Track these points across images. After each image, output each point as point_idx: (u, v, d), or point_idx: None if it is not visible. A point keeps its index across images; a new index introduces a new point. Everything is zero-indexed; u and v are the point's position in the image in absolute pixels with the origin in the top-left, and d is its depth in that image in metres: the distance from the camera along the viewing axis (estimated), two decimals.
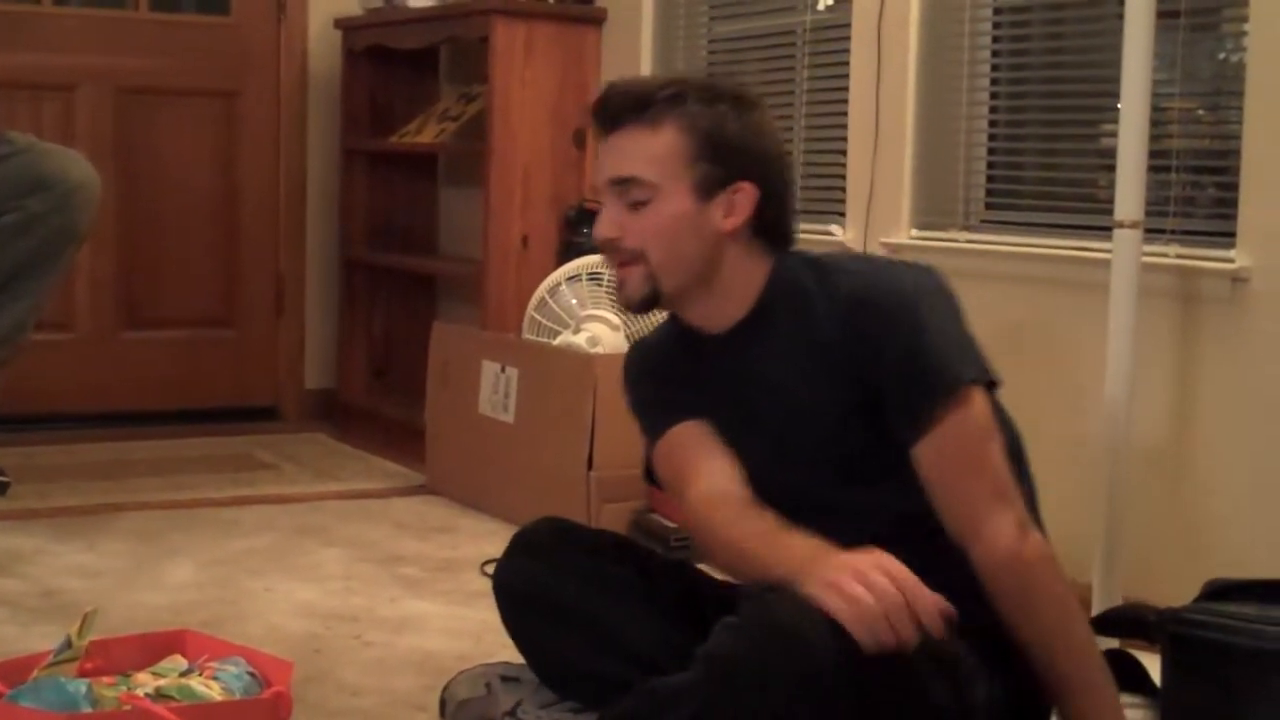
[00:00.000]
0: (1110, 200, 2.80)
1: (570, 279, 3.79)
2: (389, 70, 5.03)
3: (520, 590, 2.20)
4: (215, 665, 2.28)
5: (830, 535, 1.94)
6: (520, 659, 2.25)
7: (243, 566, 3.32)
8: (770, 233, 2.03)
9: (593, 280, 3.75)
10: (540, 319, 3.83)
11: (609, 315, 3.70)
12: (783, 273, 2.03)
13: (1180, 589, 2.63)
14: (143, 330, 4.97)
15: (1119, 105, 2.76)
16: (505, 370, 3.84)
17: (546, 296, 3.83)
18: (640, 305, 2.04)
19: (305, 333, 5.18)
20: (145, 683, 2.23)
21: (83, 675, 2.23)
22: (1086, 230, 3.12)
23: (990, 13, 3.42)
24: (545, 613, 2.17)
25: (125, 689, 2.20)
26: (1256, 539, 2.75)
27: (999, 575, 1.88)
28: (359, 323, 5.12)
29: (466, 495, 3.97)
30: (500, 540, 3.41)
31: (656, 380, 2.15)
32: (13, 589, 3.10)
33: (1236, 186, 2.80)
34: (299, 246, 5.15)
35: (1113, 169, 2.79)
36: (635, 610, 2.07)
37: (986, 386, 1.96)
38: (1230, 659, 2.14)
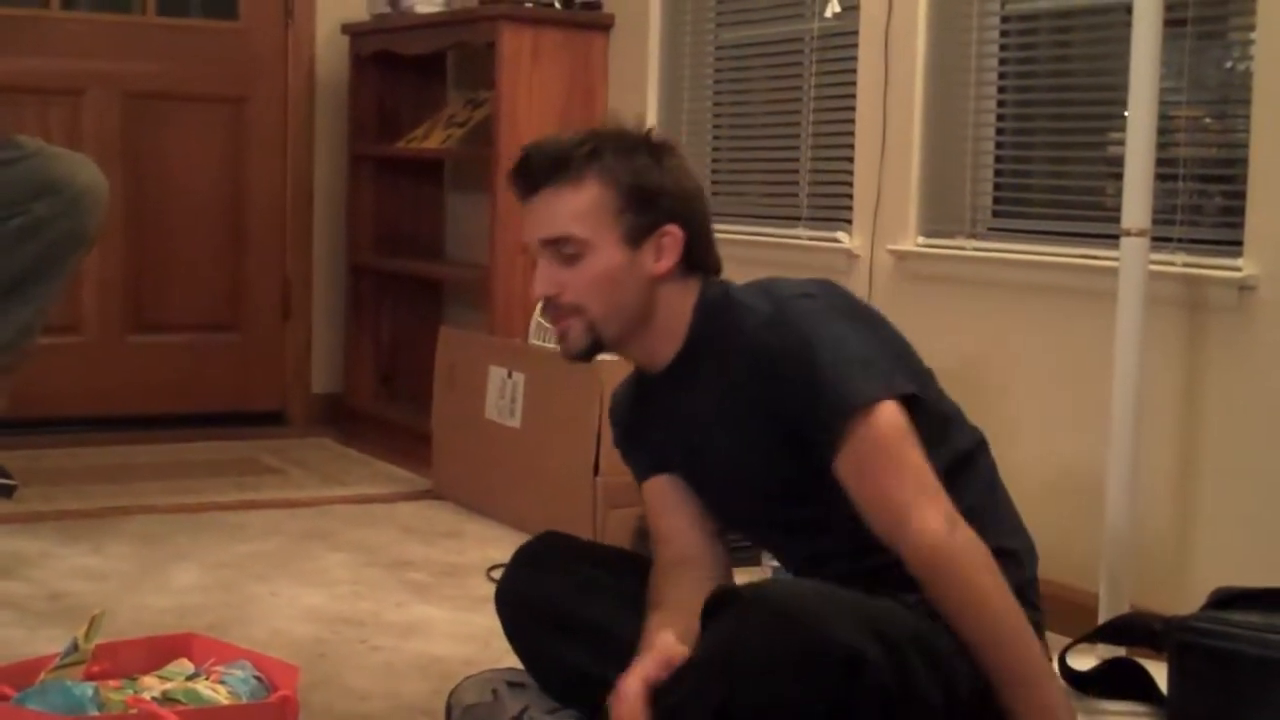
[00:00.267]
0: (1117, 208, 2.80)
1: None
2: (396, 76, 5.04)
3: (523, 604, 2.22)
4: (222, 669, 2.29)
5: (796, 549, 2.14)
6: None
7: (249, 571, 3.33)
8: (699, 267, 2.11)
9: None
10: (547, 324, 3.83)
11: None
12: (703, 310, 2.10)
13: (1187, 597, 2.63)
14: (149, 334, 4.98)
15: (1126, 113, 2.76)
16: (512, 375, 3.84)
17: None
18: (583, 355, 2.12)
19: (312, 337, 5.19)
20: (151, 686, 2.23)
21: (89, 679, 2.23)
22: (1094, 238, 3.12)
23: (998, 21, 3.42)
24: (548, 625, 2.18)
25: (131, 692, 2.20)
26: (1263, 547, 2.74)
27: (927, 568, 1.91)
28: (366, 327, 5.12)
29: (473, 500, 3.97)
30: (506, 545, 3.41)
31: (624, 429, 2.27)
32: (19, 592, 3.11)
33: (1244, 195, 2.80)
34: (306, 251, 5.15)
35: (1120, 177, 2.78)
36: (638, 621, 2.08)
37: (903, 399, 1.99)
38: (1237, 667, 2.14)
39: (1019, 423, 3.17)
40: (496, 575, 2.27)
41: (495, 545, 3.56)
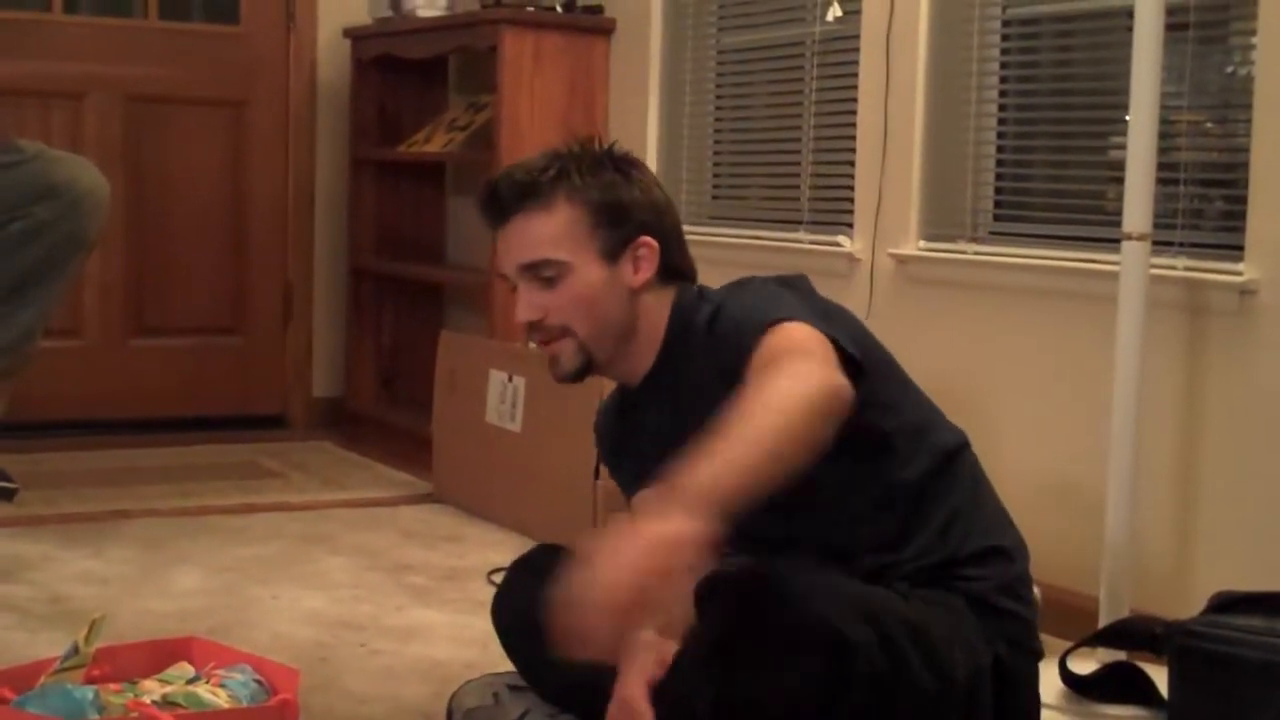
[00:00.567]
0: (1118, 212, 2.80)
1: None
2: (398, 80, 5.04)
3: (517, 616, 2.22)
4: (222, 673, 2.29)
5: (782, 554, 2.06)
6: None
7: (250, 574, 3.33)
8: (675, 275, 2.11)
9: None
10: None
11: None
12: (676, 316, 2.09)
13: (1187, 601, 2.63)
14: (150, 338, 4.98)
15: (1127, 117, 2.76)
16: (512, 379, 3.84)
17: None
18: (575, 377, 2.11)
19: (313, 341, 5.19)
20: (152, 690, 2.24)
21: (89, 682, 2.23)
22: (1095, 242, 3.12)
23: (999, 24, 3.42)
24: (542, 637, 2.17)
25: (132, 696, 2.21)
26: (1264, 551, 2.74)
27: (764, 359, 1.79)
28: (366, 331, 5.12)
29: (473, 504, 3.97)
30: (507, 549, 3.42)
31: (609, 444, 2.26)
32: (20, 595, 3.11)
33: (1245, 199, 2.80)
34: (307, 255, 5.16)
35: (1121, 181, 2.78)
36: None
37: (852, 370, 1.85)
38: (1237, 671, 2.14)
39: (1019, 426, 3.17)
40: (497, 579, 2.27)
41: (496, 549, 3.56)
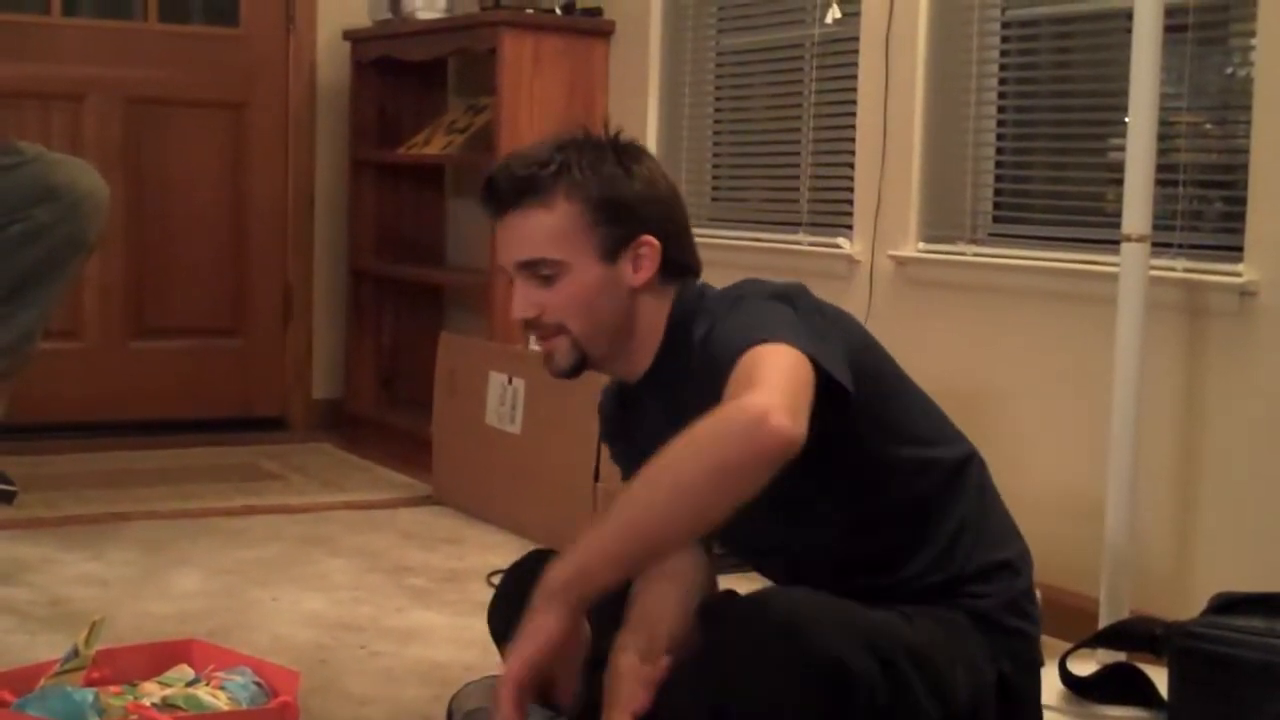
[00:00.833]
0: (1118, 214, 2.80)
1: None
2: (397, 82, 5.04)
3: (511, 624, 2.20)
4: (222, 675, 2.28)
5: (777, 570, 2.12)
6: None
7: (250, 576, 3.33)
8: (679, 271, 2.06)
9: None
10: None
11: None
12: (674, 319, 2.04)
13: (1187, 602, 2.63)
14: (150, 339, 4.98)
15: (1127, 119, 2.76)
16: (512, 381, 3.84)
17: None
18: (570, 373, 2.08)
19: (312, 343, 5.19)
20: (152, 692, 2.24)
21: (89, 684, 2.23)
22: (1094, 244, 3.12)
23: (998, 26, 3.42)
24: None
25: (132, 698, 2.20)
26: (1264, 552, 2.74)
27: (723, 413, 1.73)
28: (366, 333, 5.12)
29: (473, 506, 3.97)
30: (507, 551, 3.42)
31: (611, 425, 2.23)
32: (20, 598, 3.11)
33: (1244, 200, 2.80)
34: (307, 257, 5.16)
35: (1120, 182, 2.79)
36: None
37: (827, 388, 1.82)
38: (1238, 672, 2.14)
39: (1019, 428, 3.17)
40: (497, 581, 2.27)
41: (495, 551, 3.56)
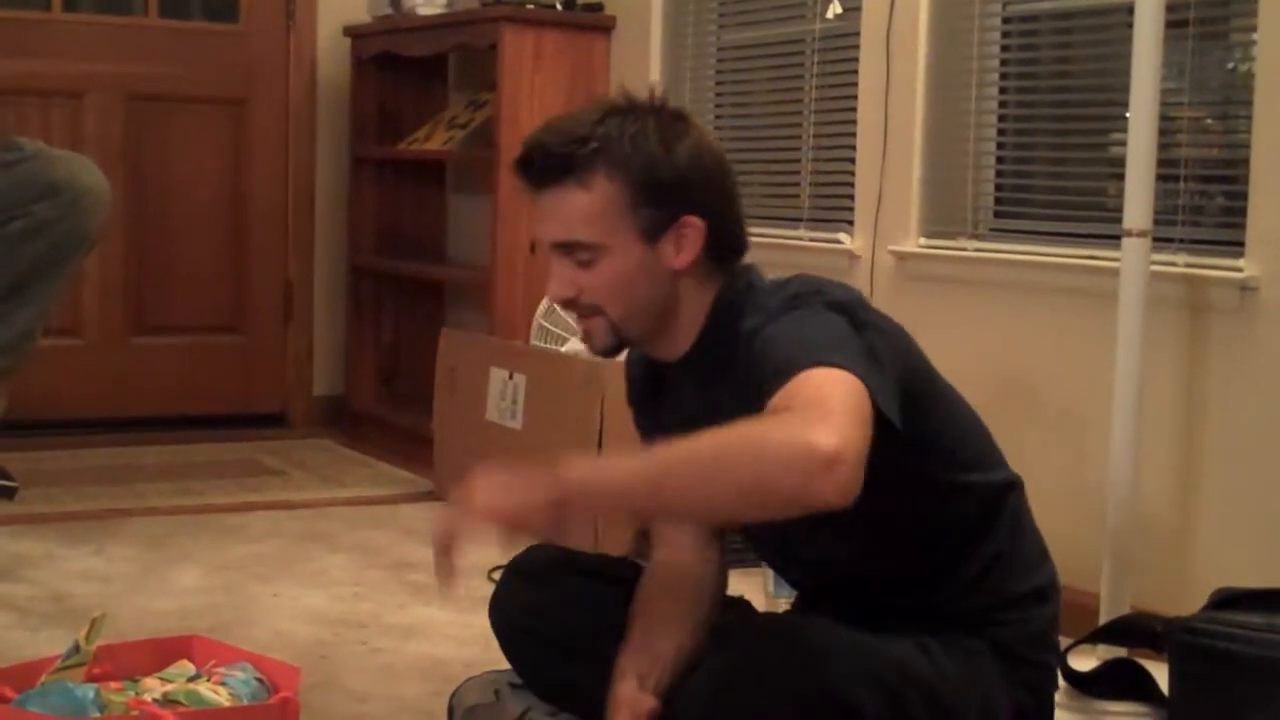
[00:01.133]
0: (1119, 209, 2.80)
1: None
2: (398, 77, 5.04)
3: (511, 618, 2.20)
4: (223, 671, 2.29)
5: (794, 576, 2.05)
6: None
7: (250, 572, 3.33)
8: (724, 252, 1.97)
9: None
10: (548, 326, 3.84)
11: None
12: (719, 307, 1.95)
13: (1188, 598, 2.62)
14: (151, 336, 4.98)
15: (1128, 114, 2.76)
16: (513, 377, 3.84)
17: (555, 304, 3.83)
18: (608, 353, 2.01)
19: (313, 339, 5.19)
20: (153, 688, 2.24)
21: (90, 680, 2.23)
22: (1095, 239, 3.12)
23: (999, 22, 3.42)
24: (536, 640, 2.17)
25: (133, 694, 2.20)
26: (1265, 547, 2.74)
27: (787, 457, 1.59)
28: (367, 329, 5.12)
29: None
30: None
31: (638, 391, 2.15)
32: (21, 594, 3.11)
33: (1245, 195, 2.80)
34: (307, 253, 5.16)
35: (1121, 178, 2.79)
36: (623, 633, 2.07)
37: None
38: (1237, 668, 2.14)
39: (1020, 422, 3.17)
40: (497, 576, 2.27)
41: (496, 547, 3.56)
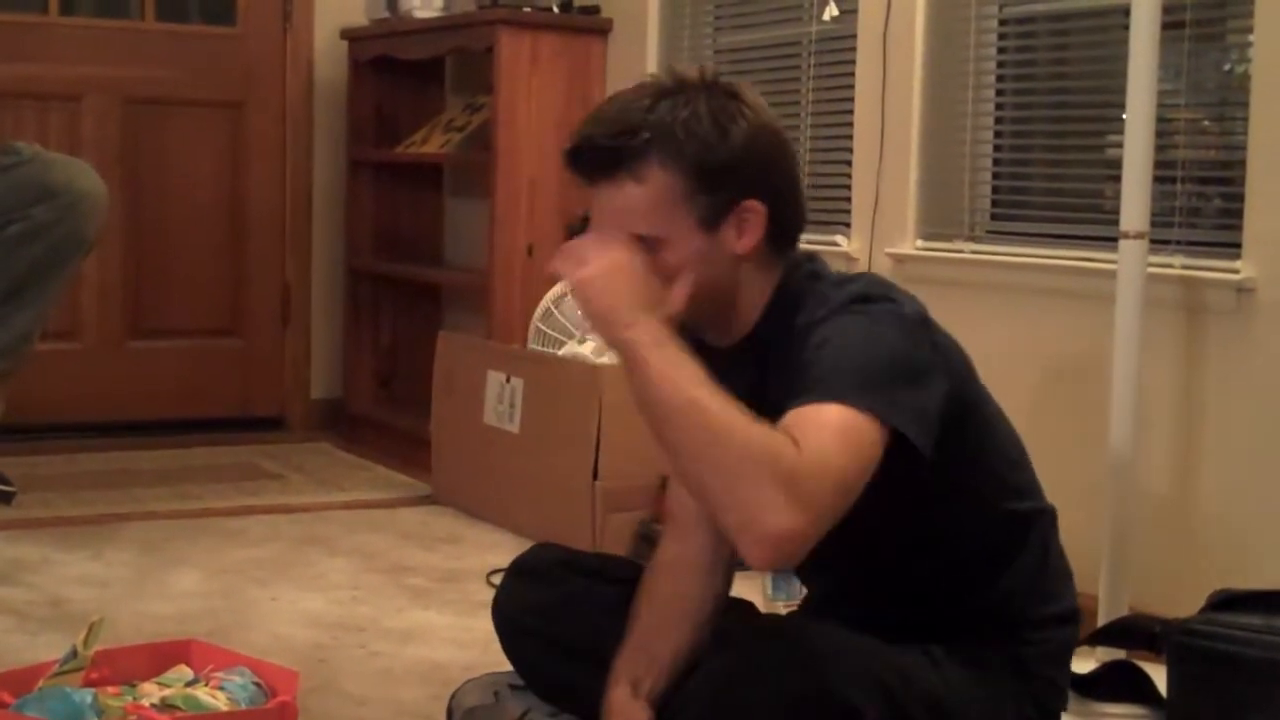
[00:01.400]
0: (1116, 211, 2.80)
1: None
2: (395, 81, 5.04)
3: (513, 618, 2.21)
4: (221, 675, 2.28)
5: (811, 577, 1.99)
6: None
7: (249, 576, 3.33)
8: (786, 235, 1.92)
9: None
10: (545, 329, 3.83)
11: None
12: (780, 297, 1.92)
13: (1186, 600, 2.62)
14: (149, 340, 4.97)
15: (1124, 116, 2.76)
16: (510, 380, 3.84)
17: (552, 307, 3.83)
18: None
19: (311, 342, 5.18)
20: (151, 693, 2.24)
21: (88, 685, 2.23)
22: (1092, 241, 3.12)
23: (995, 24, 3.42)
24: (538, 640, 2.17)
25: (131, 699, 2.21)
26: (1263, 549, 2.74)
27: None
28: (365, 332, 5.12)
29: (472, 505, 3.97)
30: (506, 550, 3.42)
31: None
32: (19, 598, 3.11)
33: (1242, 197, 2.80)
34: (305, 256, 5.15)
35: (1118, 180, 2.79)
36: (624, 633, 2.07)
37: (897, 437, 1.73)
38: (1236, 669, 2.14)
39: (1017, 425, 3.16)
40: (496, 580, 2.27)
41: (494, 550, 3.56)
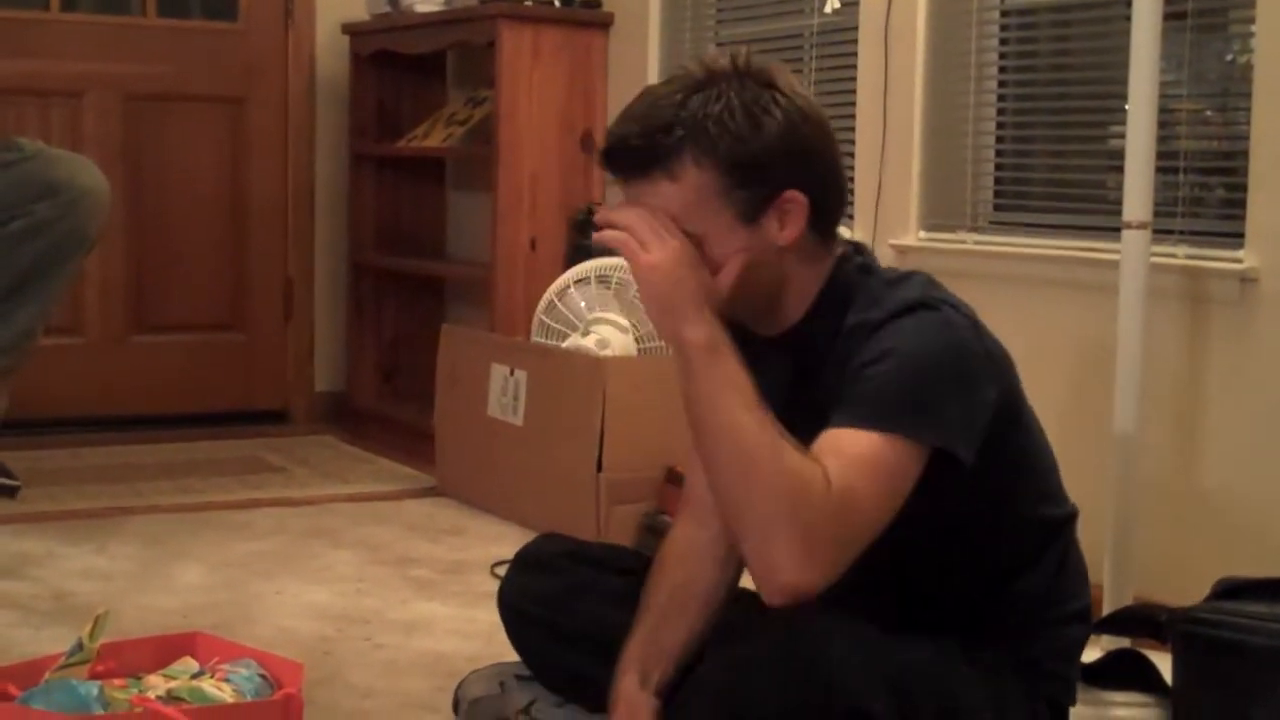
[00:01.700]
0: (1118, 201, 2.80)
1: (579, 282, 3.79)
2: (396, 75, 5.04)
3: (520, 608, 2.21)
4: (226, 667, 2.29)
5: (859, 563, 1.90)
6: None
7: (253, 569, 3.33)
8: (829, 223, 1.88)
9: (601, 283, 3.75)
10: (549, 322, 3.84)
11: (617, 318, 3.70)
12: (830, 290, 1.88)
13: (1191, 588, 2.63)
14: (152, 334, 4.98)
15: (1127, 106, 2.76)
16: (514, 373, 3.84)
17: (555, 299, 3.83)
18: None
19: (314, 336, 5.19)
20: (156, 685, 2.24)
21: (94, 678, 2.23)
22: (1095, 231, 3.12)
23: (997, 14, 3.42)
24: (544, 629, 2.18)
25: (136, 691, 2.20)
26: (1268, 538, 2.75)
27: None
28: (368, 326, 5.12)
29: (476, 497, 3.97)
30: (510, 542, 3.42)
31: None
32: (24, 592, 3.11)
33: (1245, 187, 2.80)
34: (307, 250, 5.16)
35: (1121, 170, 2.79)
36: (631, 622, 2.07)
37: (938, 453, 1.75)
38: (1241, 657, 2.14)
39: None
40: (500, 572, 2.28)
41: (499, 542, 3.57)
